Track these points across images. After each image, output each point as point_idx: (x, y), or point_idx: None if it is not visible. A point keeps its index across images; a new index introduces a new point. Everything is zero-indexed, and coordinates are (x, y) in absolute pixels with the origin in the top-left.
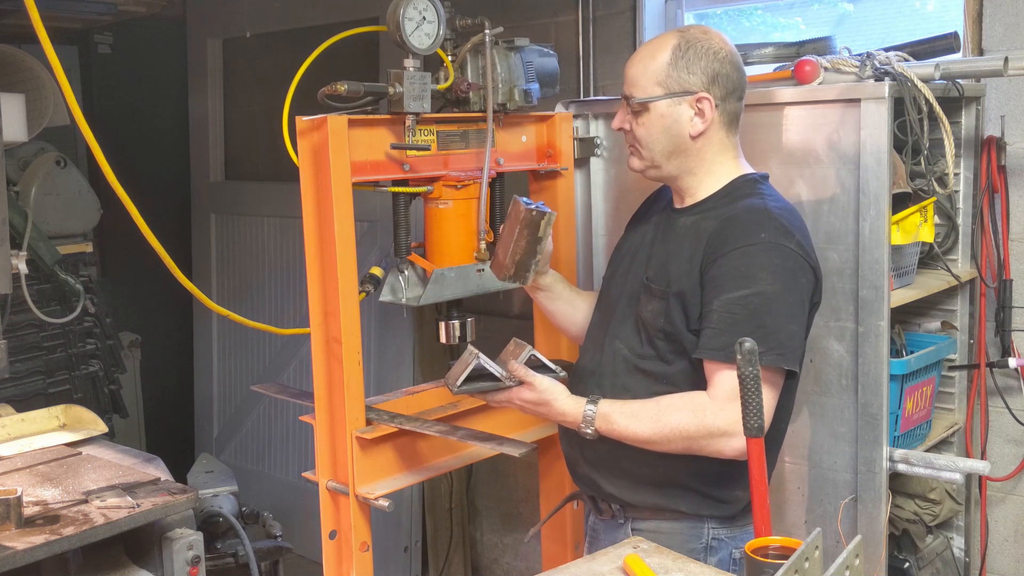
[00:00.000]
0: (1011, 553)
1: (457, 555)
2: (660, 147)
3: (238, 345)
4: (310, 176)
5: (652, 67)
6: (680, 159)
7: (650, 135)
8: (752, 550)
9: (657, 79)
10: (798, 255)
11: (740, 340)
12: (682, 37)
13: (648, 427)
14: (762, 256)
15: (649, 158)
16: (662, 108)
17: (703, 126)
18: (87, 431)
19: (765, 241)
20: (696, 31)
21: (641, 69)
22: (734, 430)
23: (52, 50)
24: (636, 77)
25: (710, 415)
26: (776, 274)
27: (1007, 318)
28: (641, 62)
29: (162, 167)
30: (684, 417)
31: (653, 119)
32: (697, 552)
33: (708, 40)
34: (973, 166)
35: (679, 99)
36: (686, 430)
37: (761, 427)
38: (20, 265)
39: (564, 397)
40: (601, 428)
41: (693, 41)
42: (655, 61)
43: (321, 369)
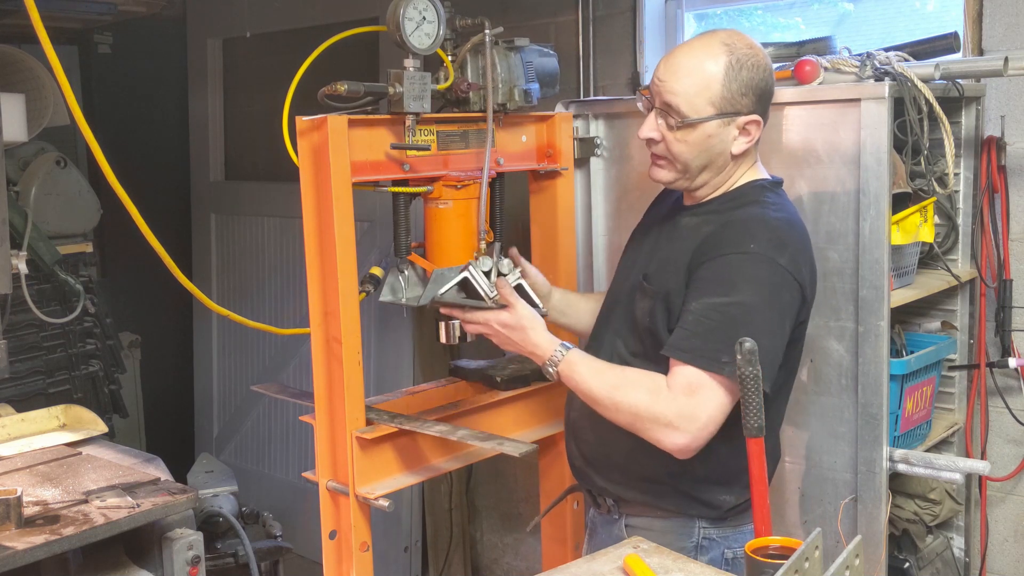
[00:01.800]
0: (1011, 553)
1: (457, 555)
2: (698, 163)
3: (238, 345)
4: (310, 176)
5: (704, 84)
6: (711, 173)
7: (690, 152)
8: (752, 550)
9: (710, 99)
10: (786, 271)
11: (740, 340)
12: (731, 54)
13: (604, 391)
14: (748, 266)
15: (683, 172)
16: (710, 128)
17: (747, 146)
18: (87, 431)
19: (754, 252)
20: (742, 45)
21: (688, 84)
22: (677, 424)
23: (52, 50)
24: (683, 91)
25: (662, 402)
26: (759, 287)
27: (1007, 318)
28: (688, 76)
29: (162, 167)
30: (640, 396)
31: (698, 138)
32: (688, 551)
33: (755, 56)
34: (973, 166)
35: (729, 120)
36: (636, 407)
37: (761, 427)
38: (20, 265)
39: (541, 330)
40: (563, 372)
41: (744, 59)
42: (706, 78)
43: (321, 369)
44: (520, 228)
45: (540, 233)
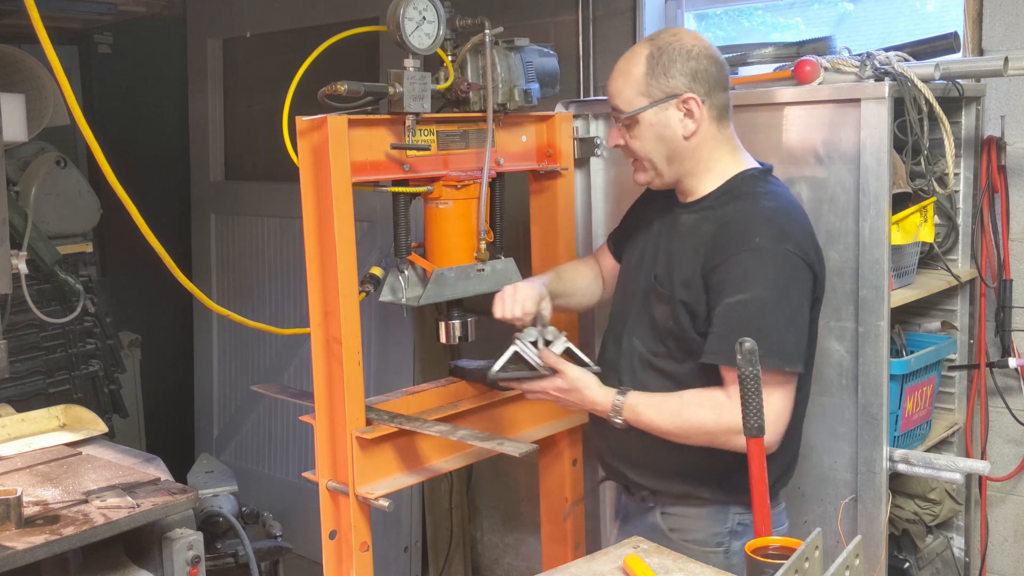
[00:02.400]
0: (1011, 553)
1: (457, 555)
2: (658, 155)
3: (238, 345)
4: (310, 176)
5: (631, 80)
6: (679, 162)
7: (645, 145)
8: (752, 550)
9: (639, 90)
10: (794, 256)
11: (740, 340)
12: (653, 44)
13: (670, 421)
14: (757, 262)
15: (651, 168)
16: (651, 117)
17: (694, 125)
18: (87, 431)
19: (759, 246)
20: (666, 35)
21: (622, 83)
22: None
23: (52, 50)
24: (619, 91)
25: (727, 413)
26: (772, 278)
27: (1007, 318)
28: (620, 76)
29: (162, 167)
30: (705, 414)
31: (644, 129)
32: (722, 536)
33: (679, 41)
34: (973, 166)
35: (665, 104)
36: (705, 426)
37: (761, 427)
38: (20, 265)
39: (595, 386)
40: (628, 418)
41: (665, 46)
42: (632, 73)
43: (321, 369)
44: (520, 228)
45: (540, 233)
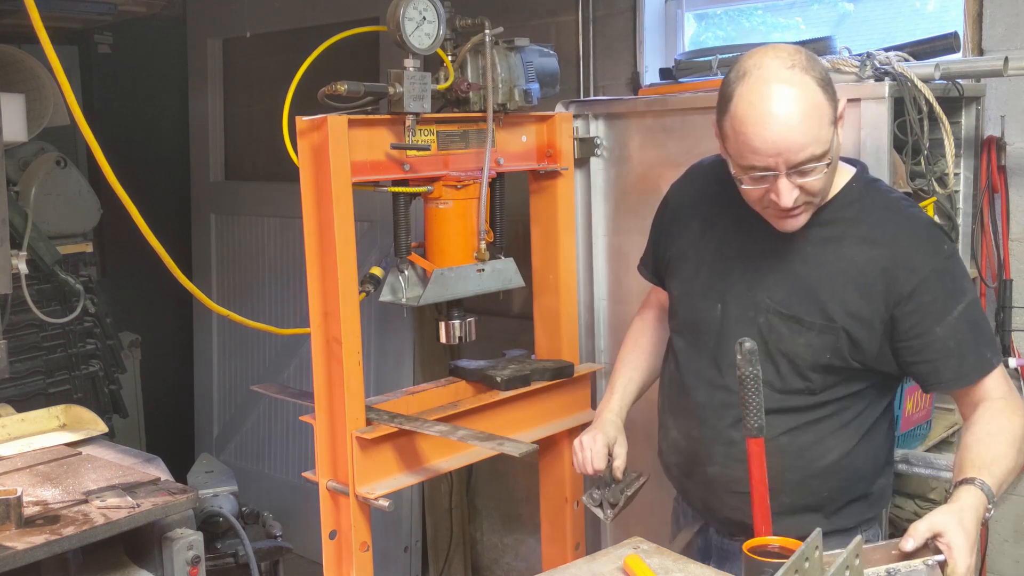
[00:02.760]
0: (1011, 553)
1: (457, 555)
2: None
3: (238, 345)
4: (310, 176)
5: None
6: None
7: (826, 180)
8: (751, 550)
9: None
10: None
11: (740, 340)
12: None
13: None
14: (956, 267)
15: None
16: (835, 141)
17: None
18: (87, 431)
19: (949, 253)
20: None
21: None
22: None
23: (52, 50)
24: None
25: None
26: (965, 275)
27: (1007, 318)
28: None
29: (162, 167)
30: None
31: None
32: None
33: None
34: (973, 166)
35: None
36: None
37: (761, 427)
38: (20, 265)
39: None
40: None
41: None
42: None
43: (321, 369)
44: (520, 228)
45: (540, 233)
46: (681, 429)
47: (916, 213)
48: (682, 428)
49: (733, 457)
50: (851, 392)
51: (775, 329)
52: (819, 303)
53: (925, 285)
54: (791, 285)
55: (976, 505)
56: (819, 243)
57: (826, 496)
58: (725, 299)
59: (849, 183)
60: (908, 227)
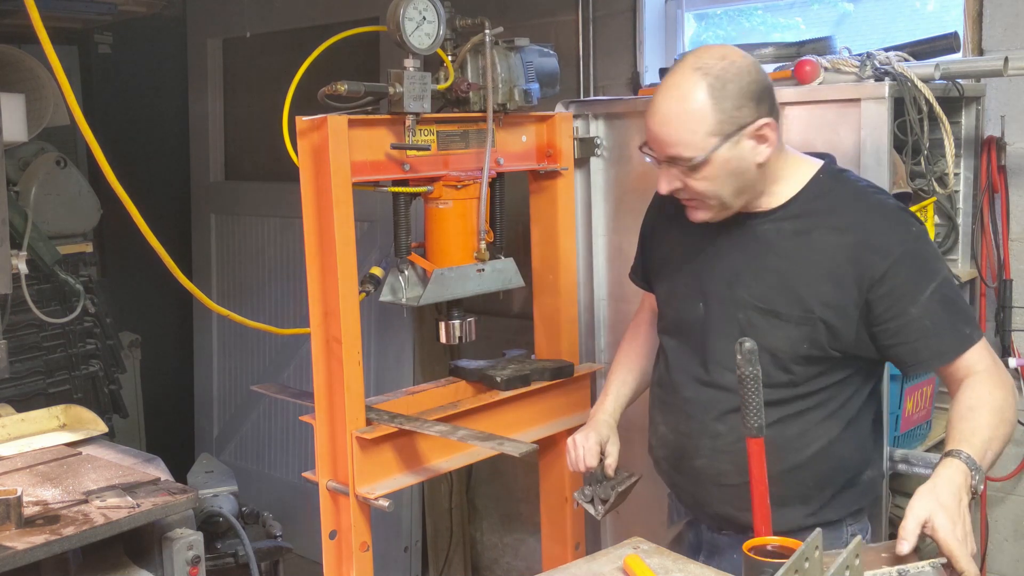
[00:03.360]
0: (1011, 553)
1: (457, 555)
2: (729, 191)
3: (238, 345)
4: (310, 176)
5: (695, 120)
6: (749, 190)
7: (715, 184)
8: (750, 549)
9: (708, 130)
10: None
11: (740, 340)
12: (707, 75)
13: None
14: (923, 248)
15: (718, 205)
16: (724, 154)
17: (768, 150)
18: (87, 431)
19: (918, 234)
20: (713, 60)
21: (681, 128)
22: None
23: (52, 50)
24: (679, 137)
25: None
26: (937, 255)
27: (1007, 318)
28: (678, 119)
29: (162, 167)
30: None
31: (715, 169)
32: None
33: (732, 63)
34: (973, 166)
35: (737, 137)
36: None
37: (761, 427)
38: (20, 265)
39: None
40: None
41: (723, 73)
42: (695, 113)
43: (321, 369)
44: (520, 228)
45: (540, 233)
46: (669, 424)
47: (883, 199)
48: (670, 423)
49: (719, 450)
50: (834, 382)
51: (755, 324)
52: (795, 295)
53: (896, 267)
54: (767, 280)
55: (952, 476)
56: (791, 236)
57: (812, 486)
58: (707, 298)
59: (816, 175)
60: (875, 212)
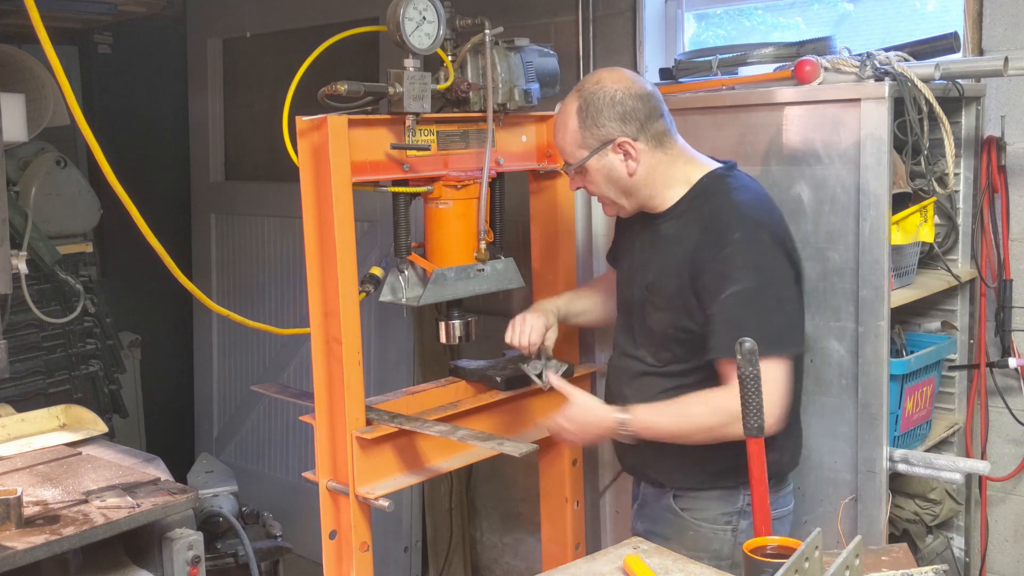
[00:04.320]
0: (1011, 553)
1: (457, 555)
2: (613, 193)
3: (238, 345)
4: (310, 176)
5: (569, 134)
6: (635, 193)
7: (599, 188)
8: (750, 550)
9: (577, 143)
10: (770, 244)
11: (740, 340)
12: (580, 97)
13: (674, 423)
14: (739, 256)
15: (612, 203)
16: (594, 164)
17: (635, 163)
18: (87, 431)
19: (738, 241)
20: (590, 84)
21: (561, 138)
22: None
23: (52, 50)
24: (562, 147)
25: (725, 405)
26: (755, 269)
27: (1007, 318)
28: (560, 133)
29: (162, 167)
30: (703, 411)
31: (593, 175)
32: (731, 515)
33: (602, 88)
34: (973, 166)
35: (603, 151)
36: (704, 422)
37: (761, 427)
38: (20, 265)
39: (599, 407)
40: (638, 431)
41: (590, 96)
42: (568, 128)
43: (321, 369)
44: (520, 228)
45: (540, 233)
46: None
47: (734, 199)
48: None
49: None
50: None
51: (644, 308)
52: (662, 284)
53: (709, 265)
54: (652, 270)
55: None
56: (668, 232)
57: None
58: (632, 283)
59: (701, 179)
60: (717, 212)
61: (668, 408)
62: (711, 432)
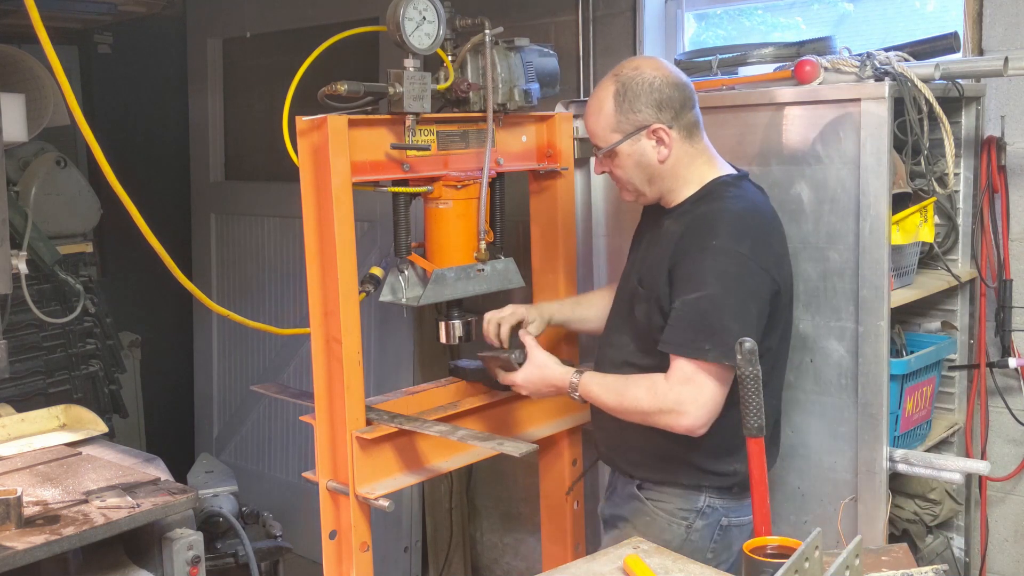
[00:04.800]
0: (1011, 553)
1: (457, 555)
2: (639, 179)
3: (238, 345)
4: (310, 176)
5: (603, 117)
6: (659, 182)
7: (626, 173)
8: (750, 550)
9: (611, 127)
10: (748, 259)
11: (740, 340)
12: (618, 81)
13: (614, 399)
14: (710, 261)
15: (634, 190)
16: (626, 149)
17: (667, 150)
18: (87, 431)
19: (714, 247)
20: (628, 70)
21: (594, 122)
22: (681, 409)
23: (52, 50)
24: (594, 130)
25: (661, 394)
26: (722, 278)
27: (1007, 318)
28: (593, 115)
29: (162, 167)
30: (640, 394)
31: (623, 160)
32: (689, 513)
33: (641, 74)
34: (973, 166)
35: (636, 136)
36: (640, 404)
37: (761, 427)
38: (20, 265)
39: (555, 366)
40: (583, 394)
41: (628, 81)
42: (603, 112)
43: (321, 369)
44: (520, 228)
45: (540, 233)
46: None
47: (725, 207)
48: None
49: None
50: None
51: (633, 299)
52: (649, 277)
53: (683, 262)
54: (646, 264)
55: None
56: (667, 229)
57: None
58: (630, 275)
59: (708, 183)
60: (705, 215)
61: (614, 383)
62: (644, 416)
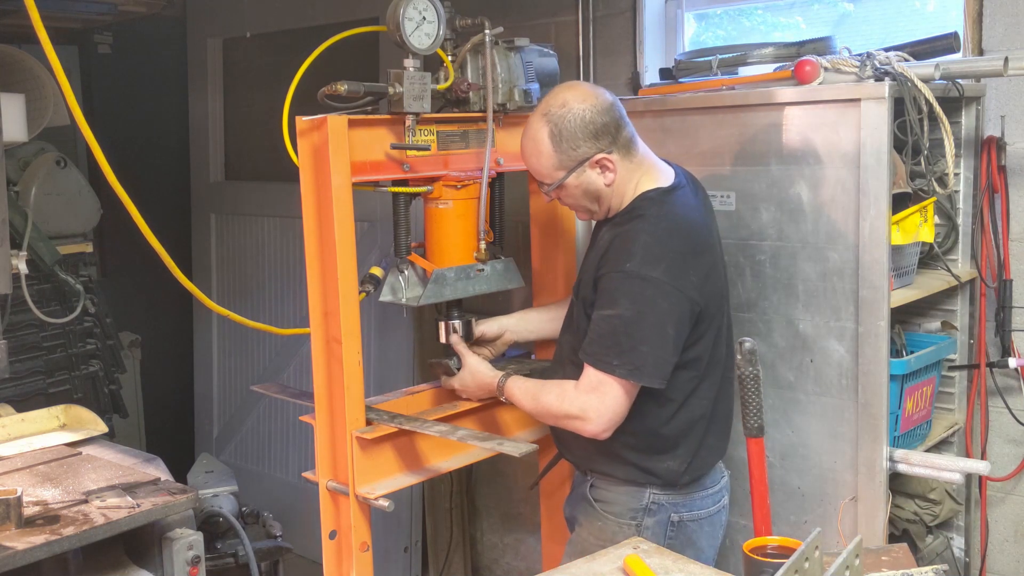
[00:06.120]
0: (1011, 553)
1: (457, 555)
2: (587, 203)
3: (238, 345)
4: (310, 176)
5: (544, 159)
6: (606, 201)
7: (576, 200)
8: (751, 550)
9: (554, 165)
10: (661, 282)
11: (740, 340)
12: (550, 122)
13: (530, 402)
14: (624, 284)
15: (586, 210)
16: (573, 181)
17: (612, 174)
18: (87, 431)
19: (628, 270)
20: (556, 107)
21: (537, 163)
22: (585, 416)
23: (52, 50)
24: (538, 169)
25: (568, 400)
26: (635, 301)
27: (1007, 318)
28: (534, 158)
29: (162, 167)
30: (552, 399)
31: (572, 191)
32: (636, 512)
33: (570, 111)
34: (973, 166)
35: (581, 169)
36: (550, 408)
37: (761, 427)
38: (20, 265)
39: (485, 369)
40: (507, 396)
41: (560, 120)
42: (543, 154)
43: (321, 369)
44: (520, 228)
45: (540, 233)
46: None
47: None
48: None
49: None
50: None
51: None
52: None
53: (602, 280)
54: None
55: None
56: (601, 238)
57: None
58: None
59: (634, 200)
60: (623, 237)
61: (532, 387)
62: (556, 420)
